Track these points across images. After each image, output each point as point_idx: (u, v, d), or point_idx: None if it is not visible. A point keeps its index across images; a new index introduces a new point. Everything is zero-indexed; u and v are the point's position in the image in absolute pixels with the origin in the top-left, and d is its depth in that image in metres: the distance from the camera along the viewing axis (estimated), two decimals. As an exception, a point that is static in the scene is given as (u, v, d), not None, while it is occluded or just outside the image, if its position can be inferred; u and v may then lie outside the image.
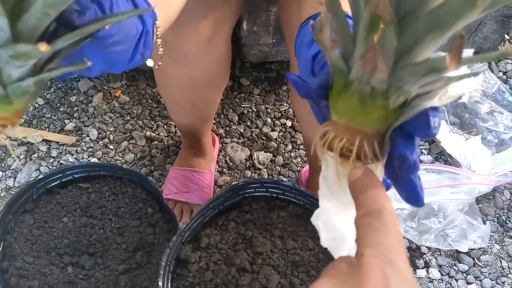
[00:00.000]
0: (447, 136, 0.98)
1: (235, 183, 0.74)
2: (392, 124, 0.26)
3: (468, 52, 0.25)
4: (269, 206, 0.76)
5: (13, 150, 1.04)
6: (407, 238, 0.89)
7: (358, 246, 0.23)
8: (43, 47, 0.24)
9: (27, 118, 1.09)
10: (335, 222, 0.30)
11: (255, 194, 0.76)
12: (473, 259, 0.88)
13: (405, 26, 0.23)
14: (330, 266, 0.24)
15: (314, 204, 0.73)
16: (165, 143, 1.03)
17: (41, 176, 0.77)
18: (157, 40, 0.40)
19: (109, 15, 0.30)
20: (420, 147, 1.01)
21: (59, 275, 0.72)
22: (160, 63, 0.43)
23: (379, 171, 0.28)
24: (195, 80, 0.73)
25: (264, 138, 1.04)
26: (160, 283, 0.64)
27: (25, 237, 0.75)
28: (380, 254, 0.21)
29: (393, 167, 0.27)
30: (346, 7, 0.26)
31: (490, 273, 0.86)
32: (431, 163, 0.98)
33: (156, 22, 0.38)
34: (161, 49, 0.42)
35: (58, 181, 0.80)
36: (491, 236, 0.89)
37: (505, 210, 0.95)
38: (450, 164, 0.97)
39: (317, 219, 0.31)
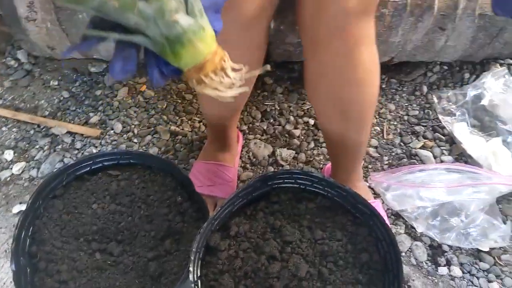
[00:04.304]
0: (468, 137, 0.99)
1: (265, 173, 0.75)
2: None
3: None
4: (297, 197, 0.77)
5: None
6: (428, 236, 0.90)
7: None
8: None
9: (52, 110, 1.10)
10: None
11: (283, 185, 0.77)
12: (494, 258, 0.88)
13: None
14: None
15: (342, 196, 0.74)
16: (189, 138, 1.04)
17: (71, 162, 0.78)
18: None
19: None
20: (441, 148, 1.02)
21: (87, 261, 0.72)
22: None
23: None
24: None
25: (287, 136, 1.05)
26: (191, 269, 0.65)
27: (54, 222, 0.75)
28: None
29: None
30: None
31: (511, 272, 0.87)
32: (452, 163, 1.00)
33: None
34: None
35: (88, 168, 0.80)
36: (511, 236, 0.90)
37: (525, 212, 0.96)
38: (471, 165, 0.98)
39: None
